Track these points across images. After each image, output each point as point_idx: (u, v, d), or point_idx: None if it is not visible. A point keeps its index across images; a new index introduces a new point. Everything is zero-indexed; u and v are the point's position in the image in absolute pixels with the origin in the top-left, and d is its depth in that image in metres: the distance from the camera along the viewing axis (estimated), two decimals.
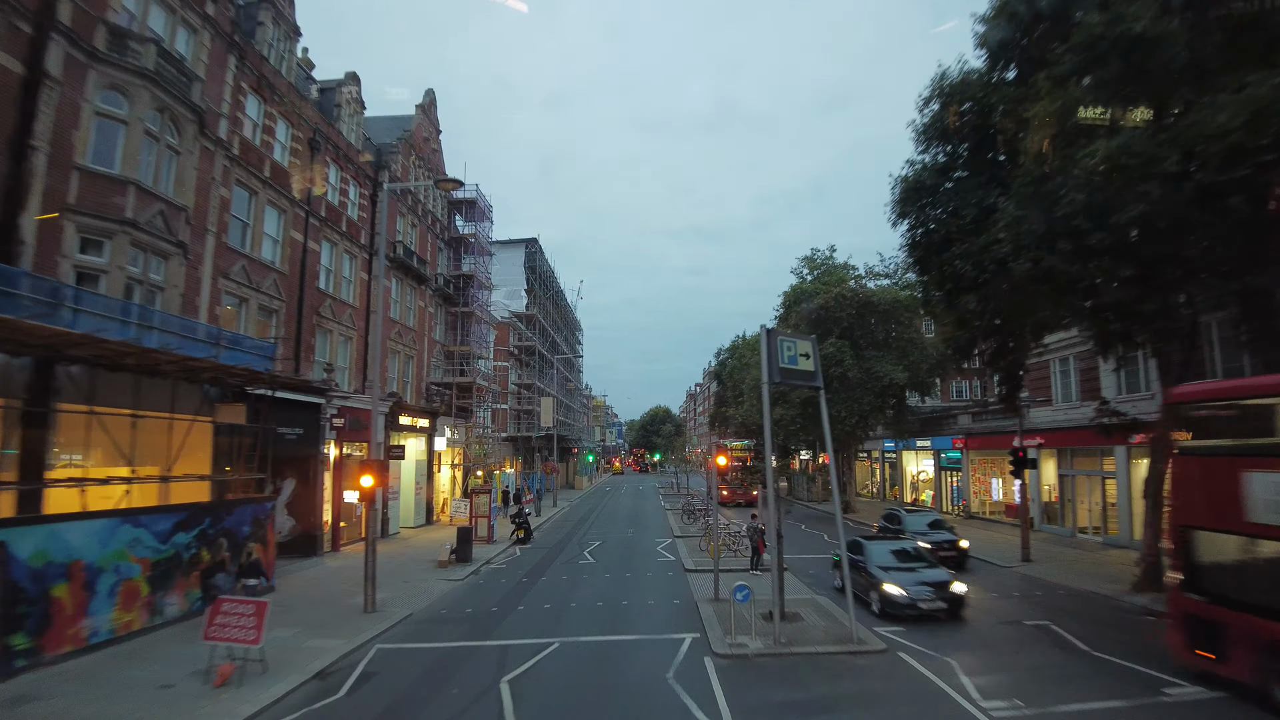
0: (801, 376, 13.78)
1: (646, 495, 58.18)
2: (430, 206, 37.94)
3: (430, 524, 34.40)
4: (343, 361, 28.91)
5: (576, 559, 24.43)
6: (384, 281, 31.43)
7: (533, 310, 55.13)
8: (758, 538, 20.47)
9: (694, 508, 35.88)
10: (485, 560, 24.41)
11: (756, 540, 20.46)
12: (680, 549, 25.82)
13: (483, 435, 39.53)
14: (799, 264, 40.99)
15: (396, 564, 23.61)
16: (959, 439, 37.11)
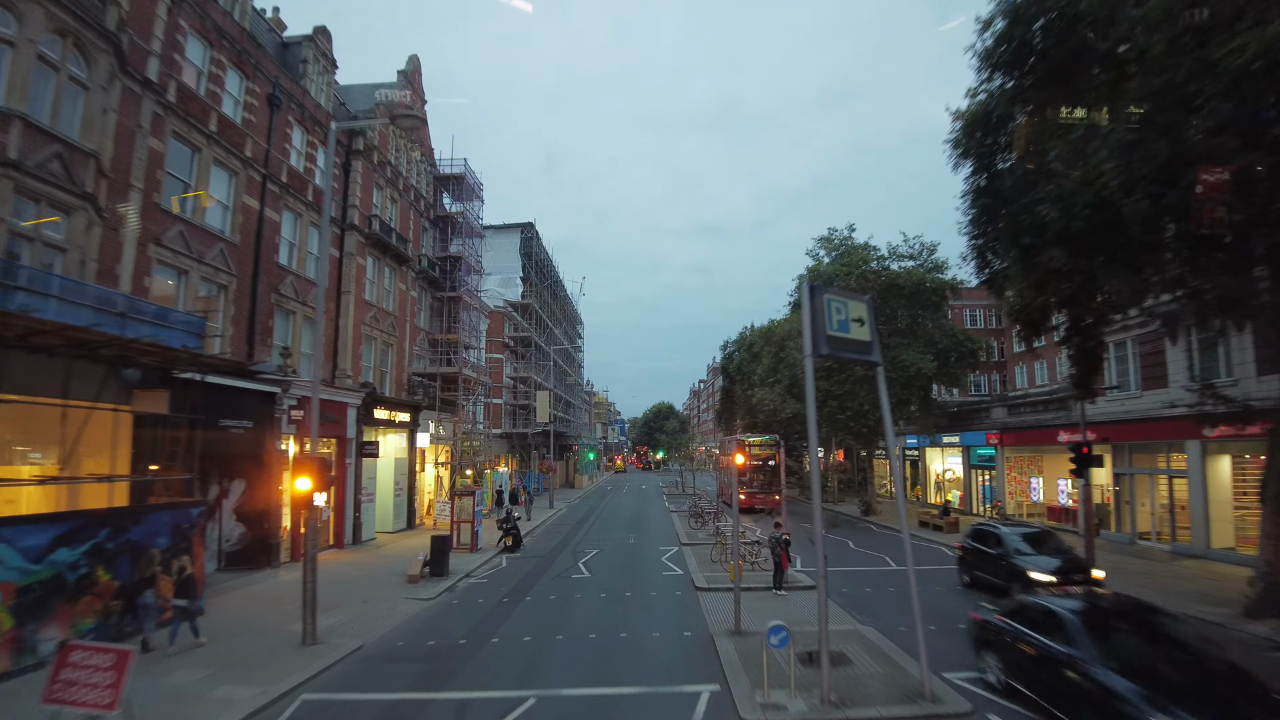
0: (854, 348, 10.52)
1: (649, 496, 54.95)
2: (414, 181, 34.74)
3: (412, 528, 31.22)
4: (308, 347, 25.71)
5: (569, 572, 21.22)
6: (357, 259, 28.33)
7: (529, 299, 51.87)
8: (782, 550, 17.25)
9: (701, 510, 32.63)
10: (465, 573, 21.23)
11: (780, 553, 17.23)
12: (688, 560, 22.58)
13: (471, 431, 36.32)
14: (815, 245, 37.74)
15: (361, 577, 20.45)
16: (993, 434, 33.82)
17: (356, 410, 26.62)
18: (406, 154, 34.09)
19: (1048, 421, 29.89)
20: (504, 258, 52.59)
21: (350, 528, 26.27)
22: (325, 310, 26.60)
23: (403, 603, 17.39)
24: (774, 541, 17.33)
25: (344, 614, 16.14)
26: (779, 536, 17.34)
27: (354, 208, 28.40)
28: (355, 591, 18.44)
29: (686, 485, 57.70)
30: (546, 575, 20.73)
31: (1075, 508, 28.67)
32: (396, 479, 30.45)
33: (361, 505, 26.90)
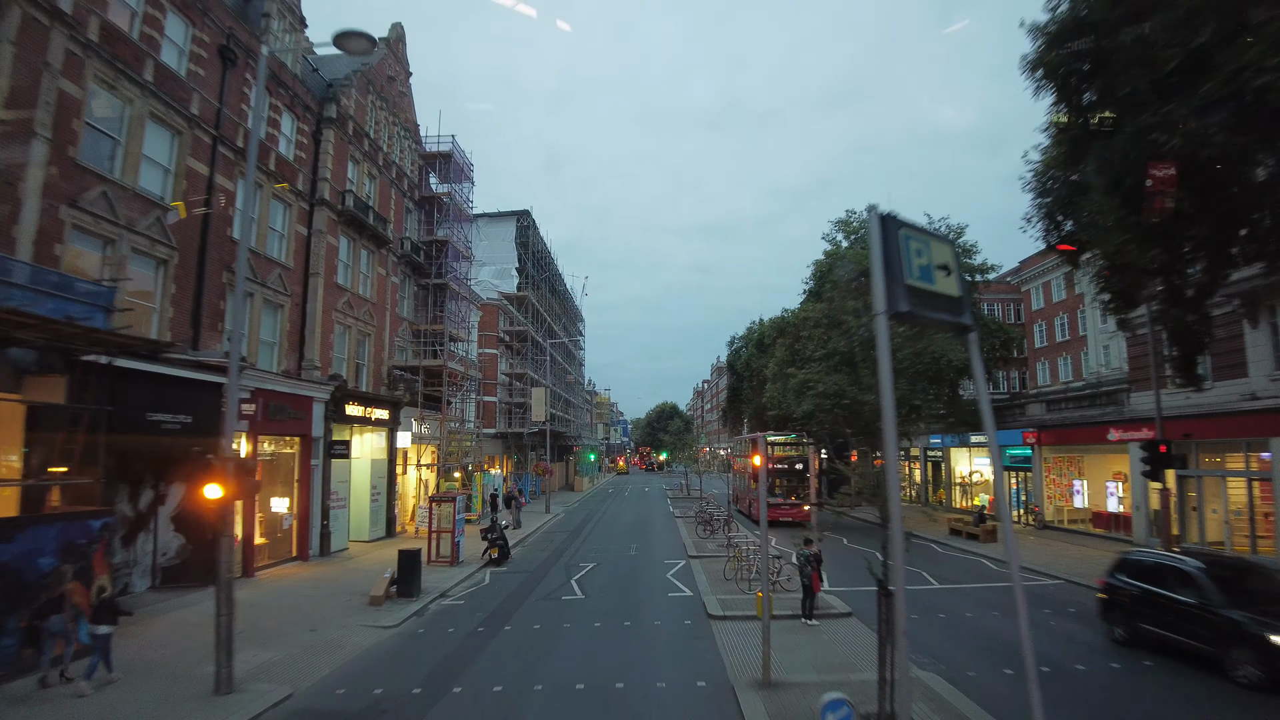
0: (941, 305, 7.47)
1: (653, 499, 52.00)
2: (396, 158, 31.91)
3: (392, 537, 28.33)
4: (270, 334, 22.90)
5: (560, 591, 18.32)
6: (328, 238, 25.48)
7: (525, 291, 48.97)
8: (813, 570, 14.32)
9: (710, 516, 29.70)
10: (439, 592, 18.35)
11: (811, 574, 14.30)
12: (697, 576, 19.66)
13: (459, 430, 33.44)
14: (832, 228, 34.87)
15: (318, 597, 17.57)
16: (1030, 432, 30.85)
17: (325, 406, 23.75)
18: (388, 127, 31.27)
19: (1094, 418, 26.93)
20: (499, 248, 49.75)
21: (317, 537, 23.40)
22: (291, 294, 23.90)
23: (358, 632, 14.52)
24: (803, 560, 14.41)
25: (281, 648, 13.26)
26: (809, 554, 14.42)
27: (324, 181, 25.56)
28: (304, 617, 15.56)
29: (692, 488, 54.78)
30: (533, 596, 17.82)
31: (1128, 514, 25.73)
32: (374, 482, 27.57)
33: (330, 512, 24.02)
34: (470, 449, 35.08)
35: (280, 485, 22.60)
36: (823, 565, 14.77)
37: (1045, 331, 49.94)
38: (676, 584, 18.71)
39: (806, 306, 33.50)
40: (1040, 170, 14.46)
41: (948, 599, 17.34)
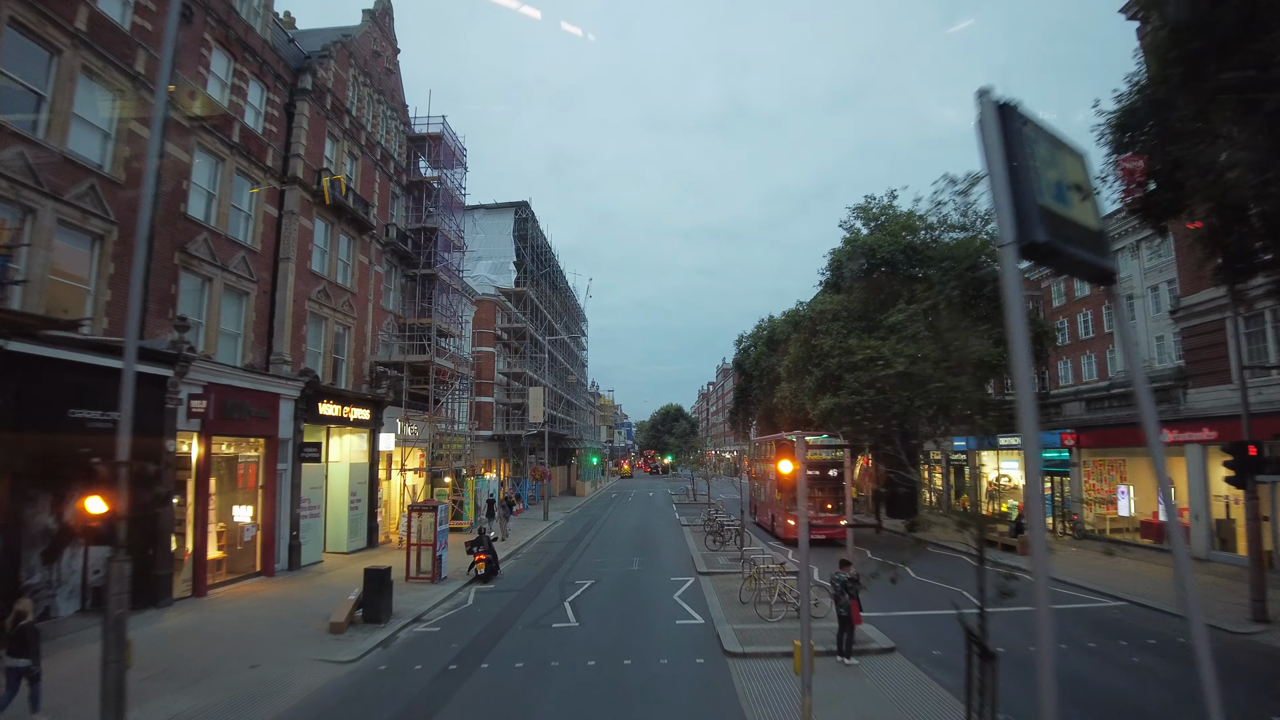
0: (1080, 238, 5.07)
1: (658, 505, 49.52)
2: (381, 138, 29.63)
3: (374, 547, 25.97)
4: (233, 324, 20.63)
5: (551, 616, 15.91)
6: (301, 220, 23.18)
7: (523, 287, 46.63)
8: (851, 598, 11.90)
9: (720, 526, 27.25)
10: (414, 616, 15.99)
11: (849, 603, 11.88)
12: (709, 598, 17.25)
13: (449, 431, 31.07)
14: (850, 215, 32.32)
15: (272, 622, 15.22)
16: (1068, 433, 28.34)
17: (294, 404, 21.43)
18: (372, 105, 29.00)
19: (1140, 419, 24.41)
20: (496, 241, 47.47)
21: (284, 550, 21.05)
22: (257, 280, 21.62)
23: (307, 669, 12.16)
24: (839, 586, 11.98)
25: (206, 692, 10.90)
26: (846, 578, 12.01)
27: (298, 158, 23.27)
28: (248, 648, 13.20)
29: (698, 493, 52.29)
30: (520, 622, 15.42)
31: (1185, 524, 23.23)
32: (354, 489, 25.21)
33: (301, 522, 21.68)
34: (462, 452, 32.72)
35: (243, 492, 20.28)
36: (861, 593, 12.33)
37: (1068, 329, 47.39)
38: (685, 608, 16.26)
39: (823, 299, 31.06)
40: (1122, 115, 12.07)
41: (1001, 626, 14.83)
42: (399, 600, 17.32)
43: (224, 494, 19.97)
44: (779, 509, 28.82)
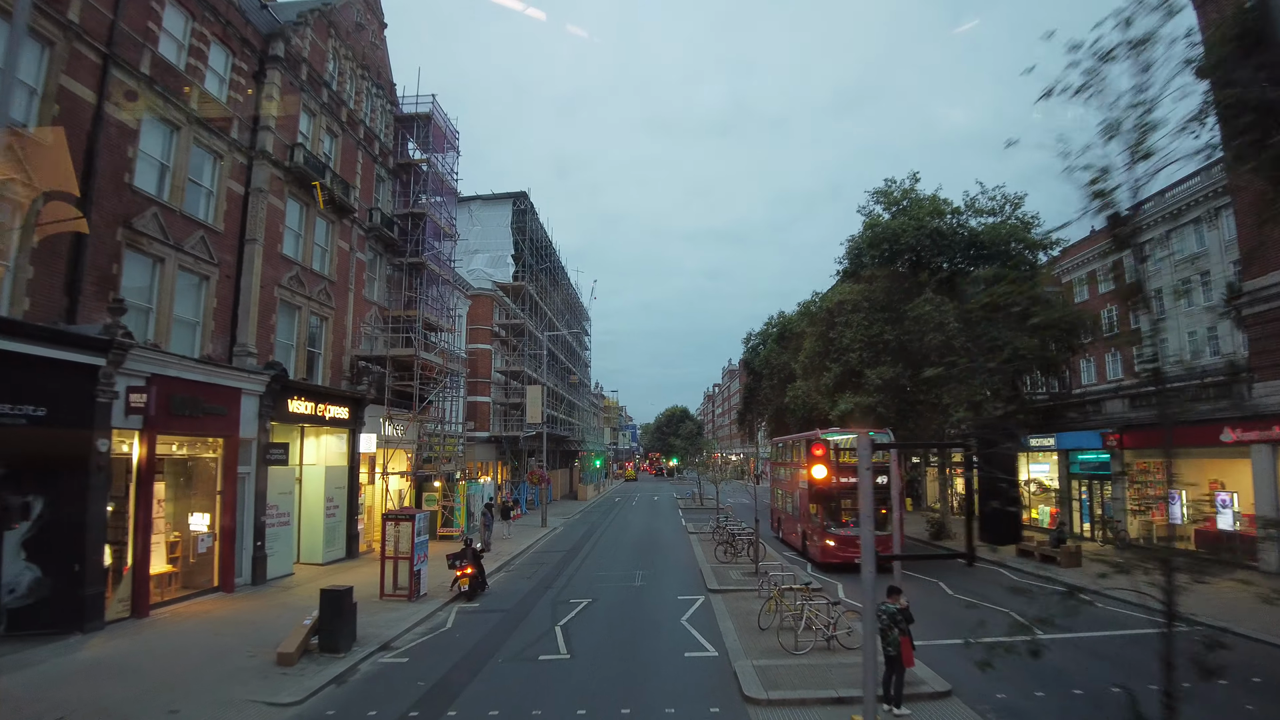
0: None
1: (663, 511, 47.24)
2: (364, 116, 27.53)
3: (354, 558, 23.80)
4: (190, 311, 18.54)
5: (538, 646, 13.69)
6: (270, 198, 21.11)
7: (522, 281, 44.49)
8: (901, 634, 9.65)
9: (731, 535, 24.98)
10: (381, 643, 13.81)
11: (899, 639, 9.63)
12: (723, 622, 15.02)
13: (439, 432, 28.89)
14: (869, 200, 30.14)
15: (215, 650, 13.05)
16: (1111, 433, 26.00)
17: (259, 400, 19.29)
18: (354, 80, 26.90)
19: (1202, 415, 22.13)
20: (494, 233, 45.39)
21: (247, 562, 18.91)
22: (220, 263, 19.51)
23: (237, 716, 9.97)
24: (887, 619, 9.72)
25: None
26: (894, 610, 9.76)
27: (267, 130, 21.17)
28: (174, 686, 11.03)
29: (705, 497, 50.00)
30: (502, 652, 13.20)
31: (1248, 534, 20.97)
32: (330, 494, 23.05)
33: (267, 530, 19.52)
34: (455, 454, 30.56)
35: (199, 497, 18.15)
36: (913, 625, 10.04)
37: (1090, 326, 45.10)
38: (695, 635, 14.00)
39: (842, 289, 28.82)
40: None
41: (1069, 657, 12.64)
42: (368, 622, 15.16)
43: (176, 500, 17.86)
44: (813, 525, 23.33)
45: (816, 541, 22.66)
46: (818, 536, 22.52)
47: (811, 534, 23.45)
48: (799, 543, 25.46)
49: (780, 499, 30.41)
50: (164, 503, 17.12)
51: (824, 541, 21.96)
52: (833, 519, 22.42)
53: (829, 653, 12.23)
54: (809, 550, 23.77)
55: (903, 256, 27.06)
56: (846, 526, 22.08)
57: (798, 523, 25.52)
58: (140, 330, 16.92)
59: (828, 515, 22.41)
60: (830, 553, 21.70)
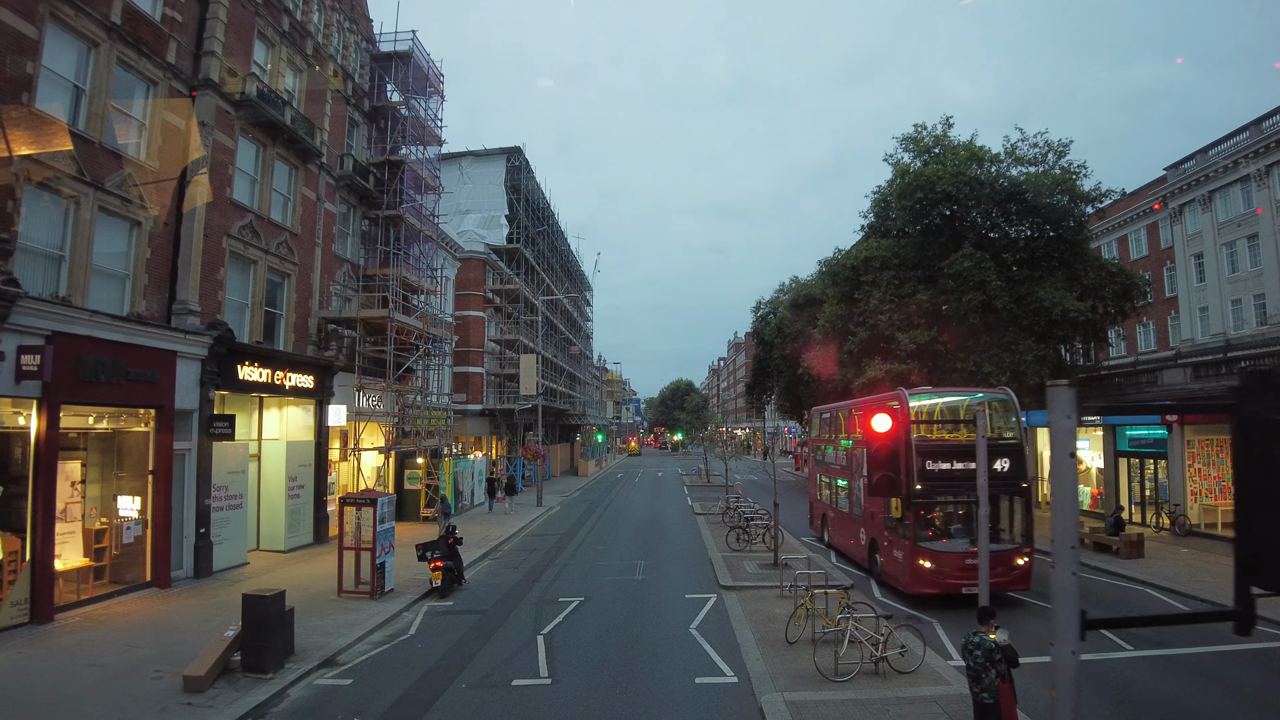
0: None
1: (667, 488, 44.75)
2: (336, 53, 24.56)
3: (322, 543, 21.33)
4: (117, 262, 15.85)
5: (513, 665, 11.11)
6: (217, 134, 18.34)
7: (516, 244, 41.60)
8: (999, 677, 7.00)
9: (744, 518, 22.42)
10: (324, 656, 11.31)
11: (1000, 687, 6.98)
12: (740, 631, 12.47)
13: (421, 403, 26.27)
14: (897, 148, 27.08)
15: (117, 666, 10.60)
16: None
17: (200, 366, 16.67)
18: (323, 11, 23.88)
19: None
20: (486, 192, 42.43)
21: (188, 552, 16.43)
22: (154, 207, 16.74)
23: None
24: (982, 656, 7.07)
25: None
26: (991, 644, 7.11)
27: (212, 56, 18.27)
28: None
29: (712, 473, 47.50)
30: (468, 673, 10.65)
31: None
32: (294, 473, 20.52)
33: (212, 515, 17.00)
34: (440, 428, 28.00)
35: (128, 478, 15.61)
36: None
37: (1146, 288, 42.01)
38: (707, 651, 11.39)
39: (868, 245, 25.92)
40: None
41: (1183, 685, 10.06)
42: (316, 627, 12.70)
43: (102, 482, 15.35)
44: (890, 533, 15.79)
45: (898, 558, 15.25)
46: (901, 551, 15.09)
47: (887, 545, 16.05)
48: (859, 553, 18.28)
49: (826, 490, 22.03)
50: (81, 484, 14.62)
51: (915, 561, 14.43)
52: (927, 526, 14.94)
53: (879, 679, 9.66)
54: (880, 568, 16.53)
55: (937, 208, 24.11)
56: (952, 538, 14.93)
57: (859, 526, 18.16)
58: (50, 282, 14.30)
59: (920, 520, 14.77)
60: (924, 577, 14.38)
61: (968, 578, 13.46)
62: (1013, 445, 15.15)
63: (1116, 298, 24.74)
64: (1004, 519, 15.08)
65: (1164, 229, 40.62)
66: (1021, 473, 15.03)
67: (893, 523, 15.60)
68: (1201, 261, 38.11)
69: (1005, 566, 14.16)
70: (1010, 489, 14.87)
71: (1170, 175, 39.08)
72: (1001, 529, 14.89)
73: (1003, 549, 14.28)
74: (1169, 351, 40.06)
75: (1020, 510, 15.01)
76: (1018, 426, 15.40)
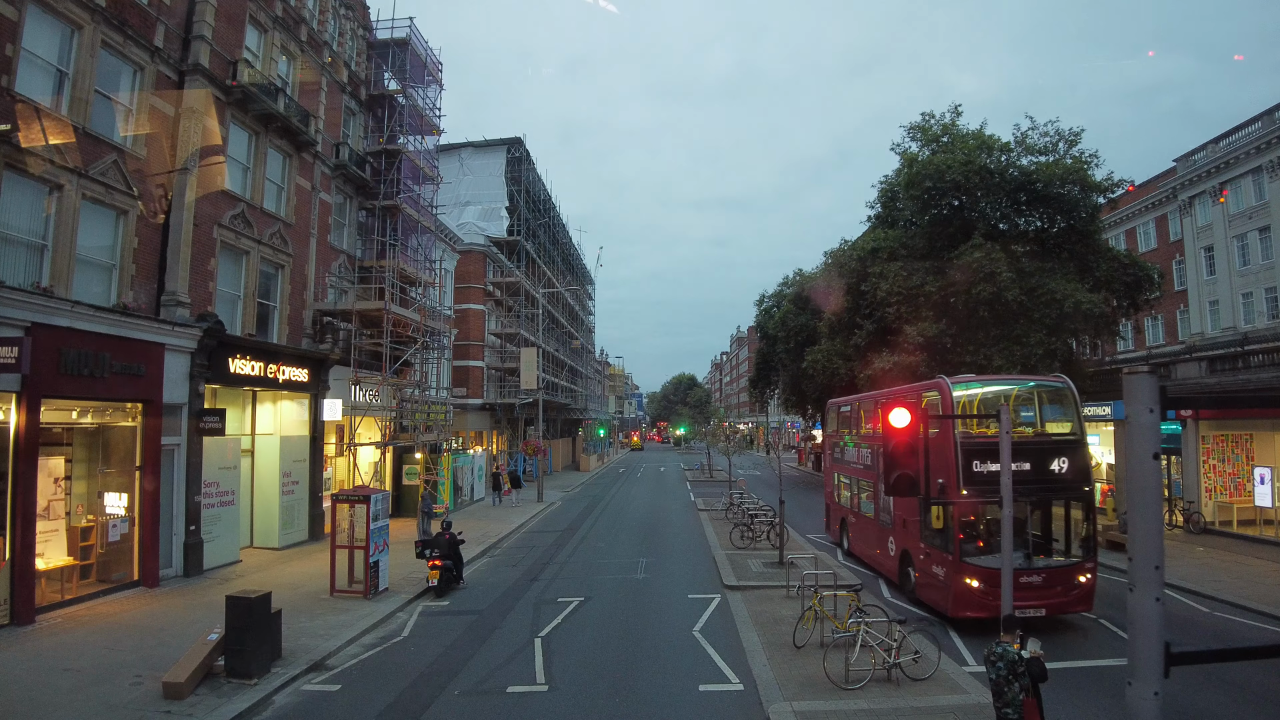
0: None
1: (669, 484, 44.30)
2: (331, 39, 24.02)
3: (317, 540, 20.87)
4: (104, 252, 15.42)
5: (509, 670, 10.66)
6: (206, 121, 17.85)
7: (517, 236, 41.05)
8: (1023, 691, 6.50)
9: (748, 514, 21.94)
10: (313, 660, 10.86)
11: (1024, 701, 6.48)
12: (745, 633, 12.00)
13: (419, 397, 25.79)
14: (904, 137, 26.47)
15: (95, 670, 10.23)
16: None
17: (189, 359, 16.22)
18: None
19: None
20: (486, 184, 41.85)
21: (177, 550, 15.99)
22: (145, 197, 16.28)
23: None
24: (1005, 667, 6.58)
25: None
26: (1015, 655, 6.60)
27: (202, 40, 17.76)
28: None
29: (715, 469, 47.05)
30: (461, 679, 10.19)
31: None
32: (288, 468, 20.08)
33: (202, 512, 16.56)
34: (439, 423, 27.53)
35: (115, 474, 15.18)
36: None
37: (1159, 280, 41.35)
38: (712, 655, 10.92)
39: (875, 235, 25.36)
40: None
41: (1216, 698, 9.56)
42: (305, 629, 12.27)
43: (89, 478, 14.95)
44: (928, 545, 13.52)
45: (938, 575, 13.03)
46: (941, 567, 12.86)
47: (924, 559, 13.71)
48: (887, 565, 16.03)
49: (847, 491, 19.62)
50: (66, 481, 14.18)
51: (960, 580, 12.23)
52: (974, 537, 12.74)
53: (892, 687, 9.19)
54: (914, 584, 14.26)
55: (946, 198, 23.55)
56: (990, 550, 12.34)
57: (888, 535, 15.96)
58: (32, 272, 13.85)
59: (967, 531, 12.58)
60: (972, 599, 12.13)
61: (1023, 599, 11.25)
62: (1072, 441, 13.09)
63: (1129, 290, 24.18)
64: (1062, 528, 13.09)
65: (1173, 221, 40.01)
66: (1083, 473, 13.00)
67: (931, 533, 13.28)
68: (1212, 254, 37.52)
69: (1065, 585, 12.33)
70: (1070, 492, 12.84)
71: (1180, 167, 38.41)
72: (1056, 539, 13.06)
73: (1062, 564, 12.56)
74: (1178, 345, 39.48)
75: (1081, 518, 12.89)
76: (1077, 418, 13.31)
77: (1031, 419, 14.08)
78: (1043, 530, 13.24)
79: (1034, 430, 13.82)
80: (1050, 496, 12.91)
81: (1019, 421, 13.83)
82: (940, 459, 11.92)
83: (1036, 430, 13.80)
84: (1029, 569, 12.24)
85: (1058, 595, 12.14)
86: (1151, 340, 44.37)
